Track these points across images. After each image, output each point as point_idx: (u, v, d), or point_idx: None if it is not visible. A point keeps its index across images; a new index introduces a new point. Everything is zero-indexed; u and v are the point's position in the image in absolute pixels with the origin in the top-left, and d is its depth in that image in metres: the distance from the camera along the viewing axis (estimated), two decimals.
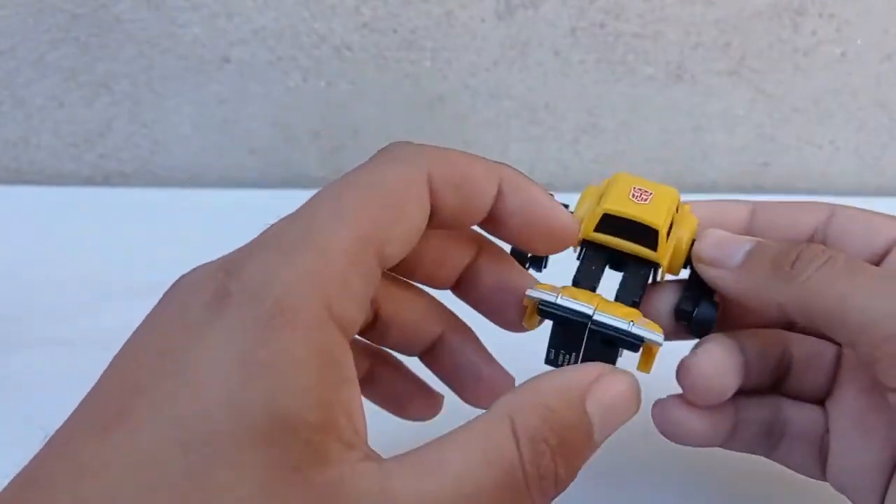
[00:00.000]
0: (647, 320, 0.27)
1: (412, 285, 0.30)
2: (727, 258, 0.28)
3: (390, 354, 0.31)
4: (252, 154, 0.61)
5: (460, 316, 0.31)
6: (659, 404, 0.29)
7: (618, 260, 0.29)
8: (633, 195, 0.28)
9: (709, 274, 0.28)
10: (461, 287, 0.29)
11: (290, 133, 0.60)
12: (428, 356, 0.30)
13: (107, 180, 0.62)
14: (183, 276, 0.23)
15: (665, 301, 0.30)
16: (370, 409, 0.25)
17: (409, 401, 0.31)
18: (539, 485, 0.21)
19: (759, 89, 0.59)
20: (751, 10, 0.57)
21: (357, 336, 0.28)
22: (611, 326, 0.25)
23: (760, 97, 0.60)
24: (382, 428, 0.24)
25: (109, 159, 0.61)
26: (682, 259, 0.29)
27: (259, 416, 0.19)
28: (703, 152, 0.61)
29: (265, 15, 0.56)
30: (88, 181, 0.62)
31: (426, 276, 0.29)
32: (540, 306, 0.26)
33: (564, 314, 0.25)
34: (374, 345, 0.30)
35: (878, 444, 0.28)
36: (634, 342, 0.25)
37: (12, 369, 0.42)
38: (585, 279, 0.28)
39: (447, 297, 0.31)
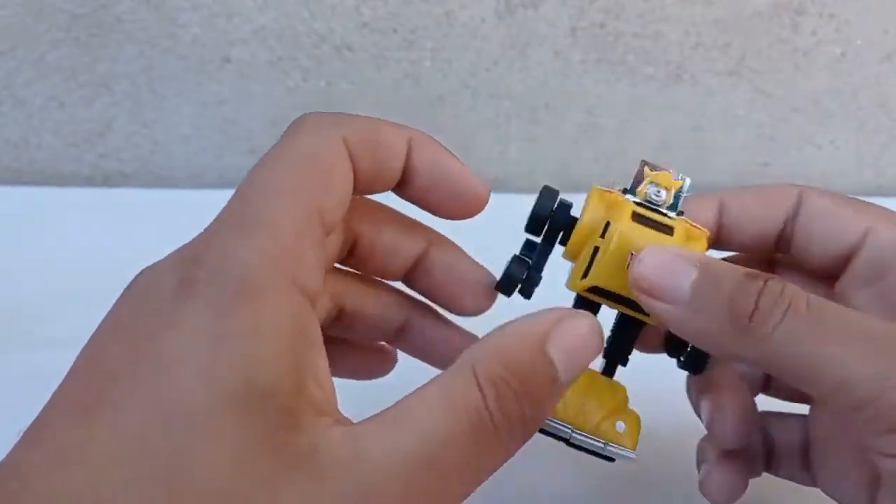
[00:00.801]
0: (629, 412, 0.28)
1: (372, 278, 0.30)
2: (672, 289, 0.24)
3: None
4: (252, 154, 0.61)
5: None
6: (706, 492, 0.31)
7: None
8: (630, 261, 0.26)
9: (653, 308, 0.25)
10: (413, 277, 0.30)
11: None
12: (397, 341, 0.31)
13: (107, 180, 0.62)
14: (143, 271, 0.23)
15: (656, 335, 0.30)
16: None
17: (363, 365, 0.32)
18: (507, 426, 0.21)
19: (759, 89, 0.59)
20: (751, 10, 0.57)
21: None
22: (587, 446, 0.27)
23: (760, 97, 0.60)
24: (350, 395, 0.24)
25: (109, 159, 0.61)
26: None
27: (233, 386, 0.20)
28: (703, 152, 0.61)
29: (265, 15, 0.56)
30: (88, 181, 0.62)
31: (378, 269, 0.30)
32: None
33: (546, 431, 0.27)
34: (340, 335, 0.31)
35: (860, 462, 0.28)
36: (610, 458, 0.27)
37: (12, 369, 0.42)
38: None
39: None
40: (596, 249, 0.26)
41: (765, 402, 0.32)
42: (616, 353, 0.29)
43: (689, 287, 0.24)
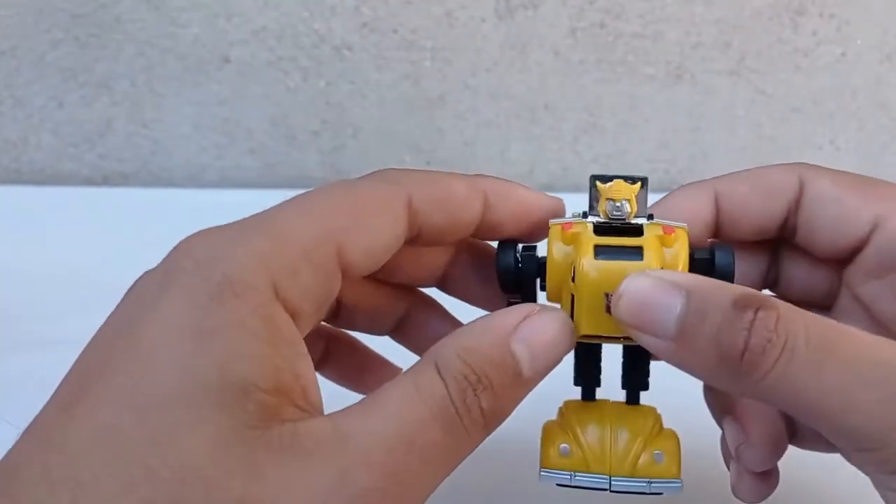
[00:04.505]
0: (665, 435, 0.26)
1: None
2: (657, 326, 0.22)
3: (345, 333, 0.32)
4: (252, 154, 0.61)
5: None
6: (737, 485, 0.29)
7: None
8: (607, 302, 0.24)
9: (644, 343, 0.23)
10: (445, 285, 0.30)
11: (290, 133, 0.60)
12: (396, 333, 0.31)
13: (107, 180, 0.62)
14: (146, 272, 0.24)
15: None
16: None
17: (367, 375, 0.32)
18: (469, 417, 0.22)
19: (759, 89, 0.59)
20: (751, 10, 0.57)
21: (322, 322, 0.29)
22: (631, 490, 0.26)
23: (760, 97, 0.60)
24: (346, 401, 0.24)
25: (109, 159, 0.61)
26: None
27: (212, 381, 0.20)
28: (703, 152, 0.61)
29: (265, 15, 0.56)
30: (88, 181, 0.62)
31: (406, 280, 0.30)
32: (557, 484, 0.26)
33: (583, 487, 0.26)
34: (328, 326, 0.31)
35: None
36: (657, 493, 0.26)
37: (12, 369, 0.42)
38: (585, 376, 0.27)
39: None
40: (571, 296, 0.25)
41: None
42: (634, 381, 0.27)
43: (674, 322, 0.22)
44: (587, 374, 0.27)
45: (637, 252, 0.24)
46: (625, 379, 0.27)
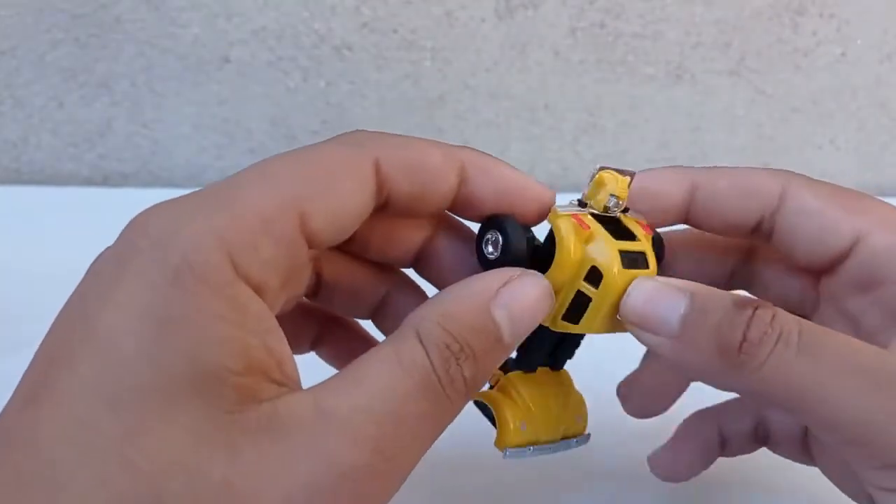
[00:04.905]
0: (577, 396, 0.28)
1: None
2: (661, 322, 0.24)
3: (341, 316, 0.31)
4: (252, 154, 0.61)
5: None
6: (652, 459, 0.31)
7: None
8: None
9: (644, 341, 0.24)
10: (420, 265, 0.29)
11: (290, 133, 0.60)
12: (377, 318, 0.30)
13: (106, 180, 0.62)
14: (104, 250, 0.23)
15: None
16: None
17: (350, 351, 0.30)
18: (452, 386, 0.22)
19: (759, 89, 0.59)
20: (751, 10, 0.57)
21: (305, 299, 0.28)
22: (565, 449, 0.28)
23: (760, 97, 0.60)
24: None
25: (109, 159, 0.61)
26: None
27: (183, 371, 0.19)
28: (703, 152, 0.61)
29: (265, 15, 0.56)
30: (88, 181, 0.62)
31: (379, 256, 0.28)
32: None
33: (537, 456, 0.28)
34: (322, 307, 0.30)
35: None
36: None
37: (12, 369, 0.42)
38: (542, 354, 0.28)
39: None
40: (580, 295, 0.25)
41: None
42: (567, 355, 0.28)
43: (677, 320, 0.23)
44: (546, 353, 0.28)
45: (645, 260, 0.25)
46: (559, 354, 0.28)
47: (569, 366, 0.29)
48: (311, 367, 0.25)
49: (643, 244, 0.26)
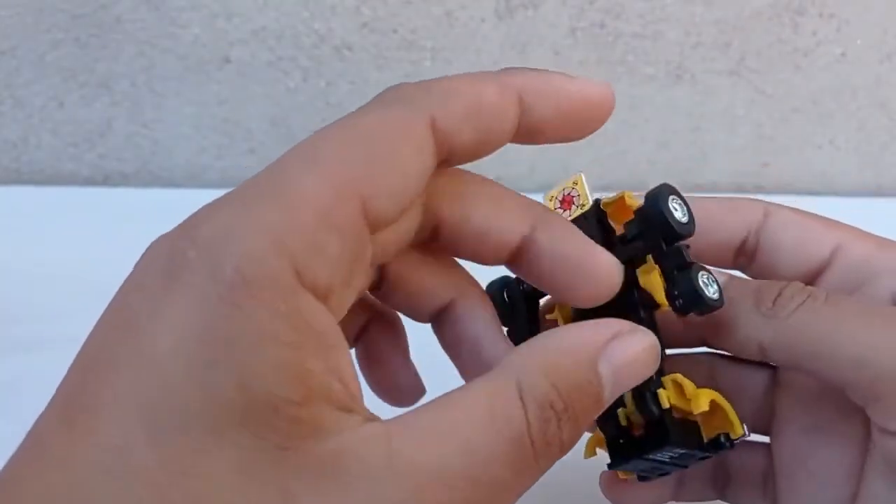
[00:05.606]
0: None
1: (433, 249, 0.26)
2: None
3: (396, 317, 0.28)
4: (252, 154, 0.61)
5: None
6: (604, 480, 0.29)
7: None
8: None
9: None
10: (517, 262, 0.25)
11: (290, 133, 0.60)
12: (436, 323, 0.27)
13: (106, 180, 0.62)
14: (154, 241, 0.21)
15: None
16: None
17: (389, 375, 0.28)
18: (546, 451, 0.20)
19: (758, 89, 0.59)
20: (751, 10, 0.57)
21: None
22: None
23: (760, 97, 0.60)
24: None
25: (109, 159, 0.61)
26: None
27: (232, 397, 0.18)
28: (703, 152, 0.61)
29: (265, 15, 0.56)
30: (88, 181, 0.62)
31: (471, 253, 0.25)
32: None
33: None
34: (376, 300, 0.27)
35: (830, 487, 0.26)
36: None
37: (12, 369, 0.42)
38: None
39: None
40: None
41: None
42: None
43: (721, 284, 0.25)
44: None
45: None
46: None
47: None
48: None
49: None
